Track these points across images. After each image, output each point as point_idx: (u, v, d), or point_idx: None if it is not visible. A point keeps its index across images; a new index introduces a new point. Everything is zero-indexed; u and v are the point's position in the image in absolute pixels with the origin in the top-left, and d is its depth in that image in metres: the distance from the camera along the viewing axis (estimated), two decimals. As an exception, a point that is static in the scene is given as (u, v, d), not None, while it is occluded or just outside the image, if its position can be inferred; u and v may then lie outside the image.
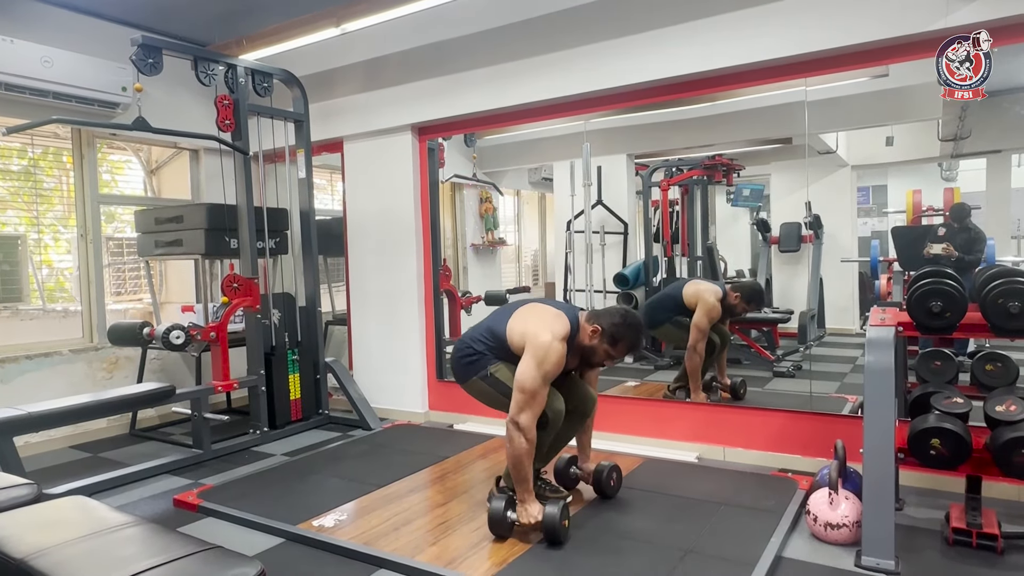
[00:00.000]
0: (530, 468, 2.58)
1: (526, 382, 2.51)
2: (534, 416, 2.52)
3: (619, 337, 2.64)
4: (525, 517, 2.56)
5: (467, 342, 2.81)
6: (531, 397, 2.51)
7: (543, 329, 2.57)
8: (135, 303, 5.17)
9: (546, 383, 2.54)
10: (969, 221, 3.85)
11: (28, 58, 3.88)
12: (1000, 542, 2.39)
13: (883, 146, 4.47)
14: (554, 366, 2.53)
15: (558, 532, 2.51)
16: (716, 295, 3.96)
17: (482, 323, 2.84)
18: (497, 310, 2.88)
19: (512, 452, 2.55)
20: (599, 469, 2.98)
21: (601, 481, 2.97)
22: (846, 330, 4.80)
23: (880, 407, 2.32)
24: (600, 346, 2.66)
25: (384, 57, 4.50)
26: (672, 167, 5.05)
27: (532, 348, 2.54)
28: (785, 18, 3.22)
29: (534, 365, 2.51)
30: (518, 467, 2.56)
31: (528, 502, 2.59)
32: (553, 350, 2.52)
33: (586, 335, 2.66)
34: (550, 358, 2.52)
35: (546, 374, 2.52)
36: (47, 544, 1.68)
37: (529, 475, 2.58)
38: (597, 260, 4.86)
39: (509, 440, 2.55)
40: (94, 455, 4.10)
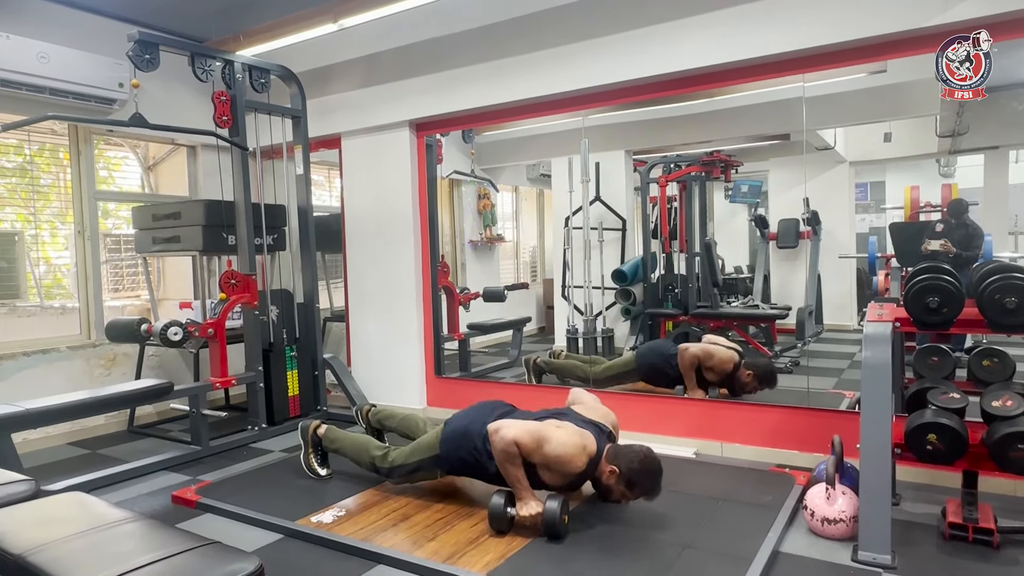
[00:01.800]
0: (518, 470, 2.59)
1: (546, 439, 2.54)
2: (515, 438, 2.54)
3: (635, 483, 2.60)
4: (525, 510, 2.57)
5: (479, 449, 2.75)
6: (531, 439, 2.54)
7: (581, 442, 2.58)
8: (133, 299, 5.16)
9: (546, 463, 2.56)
10: (967, 217, 3.86)
11: (24, 54, 3.87)
12: (996, 536, 2.40)
13: (881, 142, 4.48)
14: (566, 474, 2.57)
15: (558, 527, 2.52)
16: (732, 359, 3.84)
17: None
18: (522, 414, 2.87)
19: (497, 459, 2.61)
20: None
21: None
22: (844, 326, 4.81)
23: (877, 403, 2.33)
24: (616, 487, 2.64)
25: (382, 53, 4.49)
26: (670, 163, 5.05)
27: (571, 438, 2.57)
28: (783, 14, 3.22)
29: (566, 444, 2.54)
30: (506, 472, 2.61)
31: (527, 499, 2.60)
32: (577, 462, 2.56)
33: (604, 472, 2.63)
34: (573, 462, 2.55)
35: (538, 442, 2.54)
36: (45, 540, 1.68)
37: (520, 476, 2.60)
38: (595, 256, 4.87)
39: (492, 445, 2.61)
40: (92, 451, 4.10)
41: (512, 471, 2.59)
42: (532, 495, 2.61)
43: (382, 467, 3.03)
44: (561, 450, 2.54)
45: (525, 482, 2.61)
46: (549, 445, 2.54)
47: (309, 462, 3.34)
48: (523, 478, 2.60)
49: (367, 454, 3.11)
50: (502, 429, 2.59)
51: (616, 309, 5.07)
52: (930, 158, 4.39)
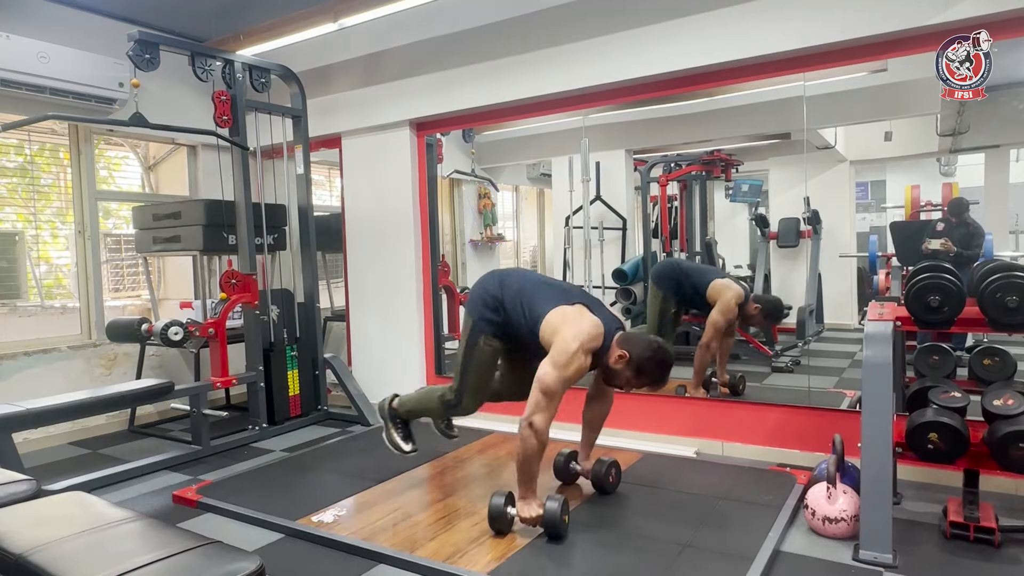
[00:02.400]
0: (538, 468, 2.58)
1: (548, 384, 2.49)
2: (549, 419, 2.52)
3: (644, 370, 2.59)
4: (526, 512, 2.56)
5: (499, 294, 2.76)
6: (550, 399, 2.50)
7: (575, 336, 2.53)
8: (133, 299, 5.16)
9: (565, 388, 2.53)
10: (967, 216, 3.85)
11: (24, 54, 3.86)
12: (997, 535, 2.40)
13: (882, 141, 4.47)
14: (575, 373, 2.52)
15: (558, 527, 2.51)
16: (738, 297, 3.93)
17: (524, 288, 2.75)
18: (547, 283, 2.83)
19: (523, 451, 2.54)
20: (598, 465, 2.99)
21: (600, 477, 2.98)
22: (844, 325, 4.80)
23: (878, 402, 2.33)
24: (623, 372, 2.61)
25: (382, 52, 4.49)
26: (671, 162, 5.05)
27: (558, 350, 2.52)
28: (784, 12, 3.22)
29: (557, 369, 2.49)
30: (526, 466, 2.56)
31: (529, 499, 2.59)
32: (576, 359, 2.50)
33: (613, 357, 2.60)
34: (572, 366, 2.50)
35: (567, 379, 2.51)
36: (46, 539, 1.68)
37: (536, 474, 2.58)
38: (596, 256, 4.86)
39: (521, 439, 2.53)
40: (93, 451, 4.10)
41: (532, 466, 2.55)
42: (534, 495, 2.60)
43: (452, 399, 2.94)
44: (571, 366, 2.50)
45: (535, 483, 2.60)
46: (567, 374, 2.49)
47: (393, 439, 3.23)
48: (536, 476, 2.59)
49: (435, 399, 3.03)
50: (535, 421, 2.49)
51: (617, 308, 5.06)
52: (931, 157, 4.38)
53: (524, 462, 2.55)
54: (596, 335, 2.57)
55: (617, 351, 2.60)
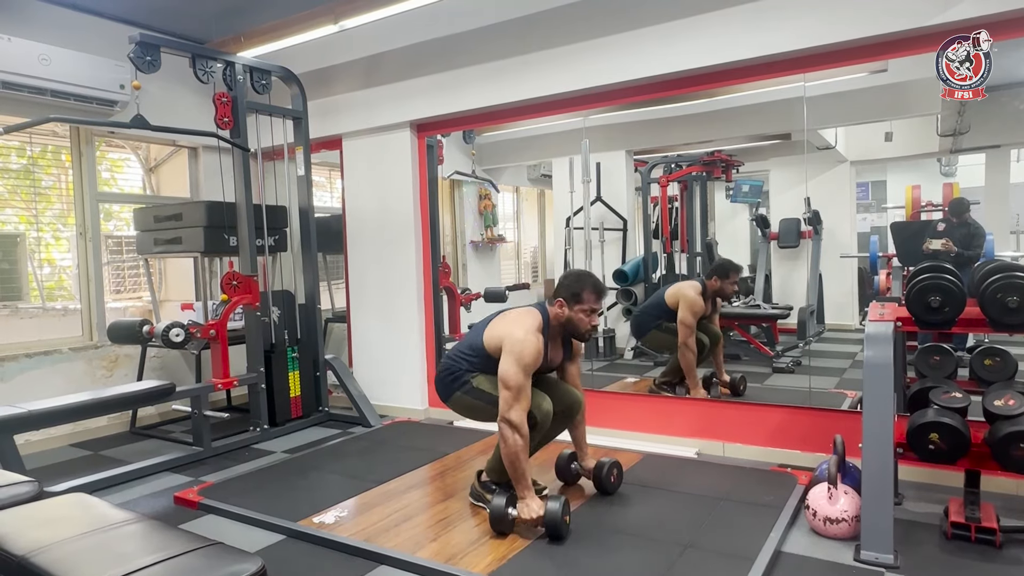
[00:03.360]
0: (527, 465, 2.59)
1: (510, 379, 2.57)
2: (524, 411, 2.57)
3: (577, 290, 2.70)
4: (526, 513, 2.56)
5: (449, 360, 2.91)
6: (517, 392, 2.56)
7: (517, 326, 2.68)
8: (135, 301, 5.17)
9: (528, 376, 2.59)
10: (968, 216, 3.85)
11: (26, 56, 3.87)
12: (998, 536, 2.40)
13: (882, 142, 4.47)
14: (533, 358, 2.61)
15: (560, 527, 2.52)
16: (696, 289, 4.00)
17: (462, 342, 2.94)
18: (473, 328, 2.97)
19: (507, 451, 2.57)
20: (599, 465, 2.99)
21: (602, 477, 2.98)
22: (845, 326, 4.80)
23: (879, 402, 2.33)
24: (574, 313, 2.71)
25: (382, 54, 4.49)
26: (671, 163, 5.05)
27: (509, 345, 2.63)
28: (784, 13, 3.22)
29: (513, 360, 2.59)
30: (515, 464, 2.58)
31: (528, 498, 2.59)
32: (528, 343, 2.61)
33: (555, 313, 2.75)
34: (527, 350, 2.60)
35: (526, 367, 2.58)
36: (48, 541, 1.68)
37: (527, 471, 2.59)
38: (596, 256, 4.86)
39: (503, 439, 2.58)
40: (95, 453, 4.10)
41: (521, 465, 2.57)
42: (533, 495, 2.61)
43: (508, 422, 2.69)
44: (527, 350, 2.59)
45: (529, 480, 2.61)
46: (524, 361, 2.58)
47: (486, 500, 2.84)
48: (528, 474, 2.60)
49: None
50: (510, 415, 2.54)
51: (617, 309, 5.06)
52: (931, 157, 4.38)
53: (511, 460, 2.59)
54: (533, 315, 2.74)
55: (555, 306, 2.74)
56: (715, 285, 4.00)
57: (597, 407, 4.00)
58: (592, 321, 2.76)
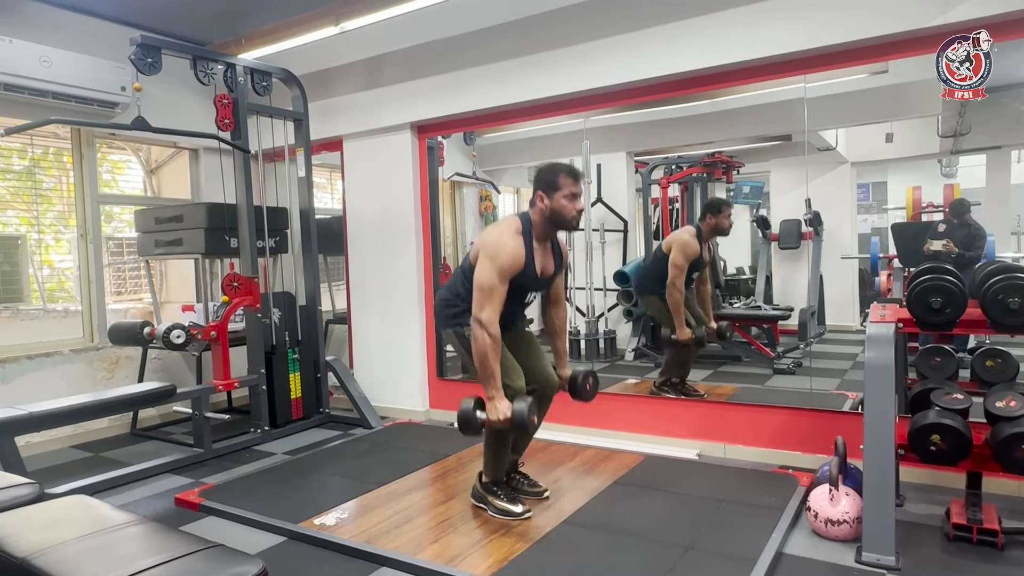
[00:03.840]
0: (496, 364, 2.59)
1: (483, 280, 2.59)
2: (494, 312, 2.58)
3: (552, 177, 2.68)
4: (494, 414, 2.57)
5: (450, 289, 2.88)
6: (489, 293, 2.58)
7: (491, 232, 2.71)
8: (135, 303, 5.17)
9: (503, 279, 2.59)
10: (969, 217, 3.85)
11: (27, 58, 3.88)
12: (1000, 537, 2.40)
13: (883, 142, 4.46)
14: (507, 259, 2.61)
15: (527, 425, 2.54)
16: (690, 232, 3.99)
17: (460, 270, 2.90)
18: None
19: (477, 349, 2.60)
20: (574, 374, 2.99)
21: (577, 385, 2.97)
22: (846, 327, 4.80)
23: (880, 403, 2.32)
24: (554, 202, 2.68)
25: (383, 55, 4.50)
26: (672, 164, 5.05)
27: (484, 248, 2.64)
28: (785, 14, 3.22)
29: (487, 261, 2.60)
30: (484, 363, 2.59)
31: (496, 399, 2.59)
32: (503, 244, 2.61)
33: (537, 210, 2.72)
34: (501, 252, 2.60)
35: (500, 268, 2.59)
36: (49, 543, 1.68)
37: (496, 371, 2.59)
38: (597, 258, 4.86)
39: (473, 338, 2.61)
40: (95, 455, 4.10)
41: (491, 363, 2.58)
42: (502, 396, 2.59)
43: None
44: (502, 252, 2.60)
45: (498, 381, 2.60)
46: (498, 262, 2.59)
47: (501, 508, 2.83)
48: (499, 374, 2.60)
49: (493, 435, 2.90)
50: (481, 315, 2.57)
51: (618, 311, 5.06)
52: (932, 158, 4.38)
53: (481, 359, 2.59)
54: (509, 220, 2.74)
55: (536, 203, 2.72)
56: (710, 223, 4.01)
57: (598, 409, 4.00)
58: (576, 206, 2.71)
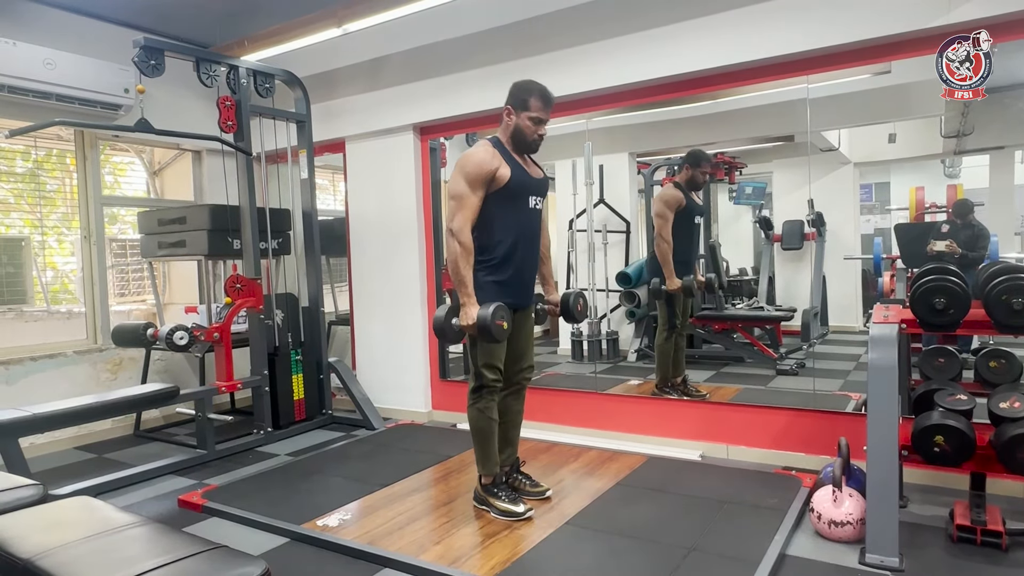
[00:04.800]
0: (468, 271, 2.66)
1: (453, 188, 2.69)
2: (465, 221, 2.65)
3: (524, 96, 2.73)
4: (465, 320, 2.64)
5: None
6: (460, 201, 2.66)
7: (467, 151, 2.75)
8: (139, 304, 5.18)
9: (472, 185, 2.66)
10: (972, 218, 3.85)
11: (31, 60, 3.89)
12: (1004, 539, 2.39)
13: (886, 143, 4.46)
14: (473, 165, 2.67)
15: (491, 330, 2.57)
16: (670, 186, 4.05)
17: None
18: None
19: (449, 256, 2.68)
20: (565, 296, 3.04)
21: (568, 306, 3.02)
22: (849, 328, 4.79)
23: (883, 404, 2.32)
24: (520, 119, 2.73)
25: (385, 57, 4.51)
26: (674, 165, 5.05)
27: (456, 164, 2.72)
28: (787, 15, 3.22)
29: (457, 172, 2.69)
30: (456, 271, 2.67)
31: (468, 305, 2.65)
32: (471, 153, 2.69)
33: (505, 125, 2.77)
34: (469, 160, 2.67)
35: (468, 174, 2.66)
36: (53, 544, 1.68)
37: (467, 279, 2.66)
38: (599, 259, 4.86)
39: (447, 247, 2.71)
40: (99, 456, 4.11)
41: (461, 270, 2.65)
42: (474, 303, 2.65)
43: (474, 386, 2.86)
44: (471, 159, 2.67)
45: (470, 288, 2.66)
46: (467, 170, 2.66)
47: (503, 509, 2.82)
48: (469, 281, 2.66)
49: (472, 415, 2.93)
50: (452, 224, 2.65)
51: (621, 312, 5.06)
52: (935, 159, 4.38)
53: (453, 266, 2.67)
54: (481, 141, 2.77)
55: (504, 117, 2.77)
56: (687, 174, 4.05)
57: (600, 410, 4.00)
58: (539, 131, 2.76)
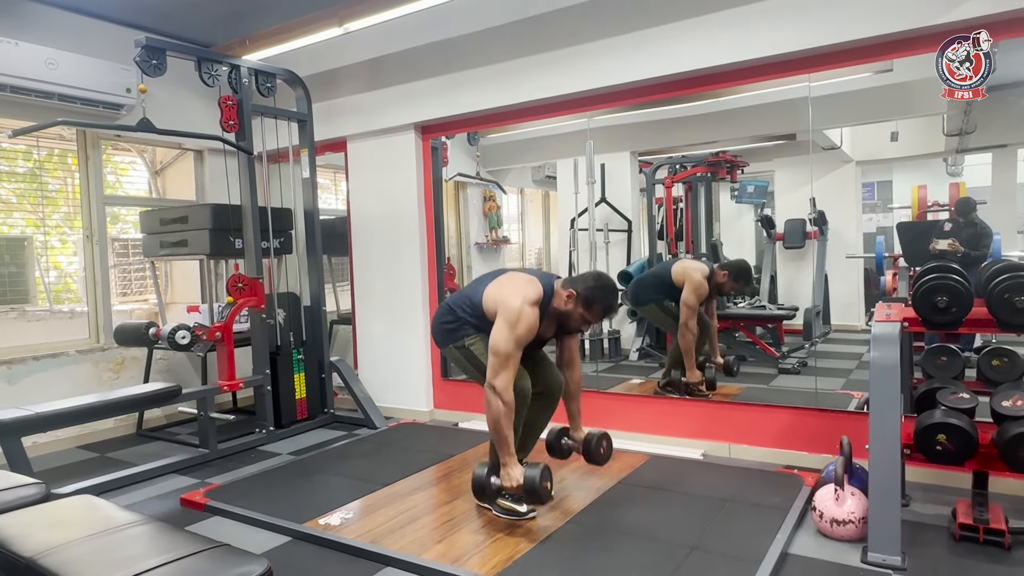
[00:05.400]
0: (510, 431, 2.61)
1: (499, 345, 2.58)
2: (509, 379, 2.58)
3: (593, 300, 2.68)
4: (507, 481, 2.59)
5: (448, 307, 2.88)
6: (505, 360, 2.58)
7: (514, 295, 2.64)
8: (141, 304, 5.19)
9: (519, 346, 2.60)
10: (975, 216, 3.84)
11: (33, 60, 3.90)
12: (1007, 537, 2.39)
13: (888, 141, 4.45)
14: (526, 330, 2.60)
15: (539, 493, 2.53)
16: (703, 272, 3.97)
17: (463, 290, 2.92)
18: (477, 278, 2.94)
19: (491, 415, 2.60)
20: (588, 437, 2.99)
21: (591, 449, 2.97)
22: (851, 326, 4.78)
23: (886, 403, 2.31)
24: (575, 310, 2.70)
25: (387, 56, 4.51)
26: (676, 164, 5.04)
27: (504, 313, 2.62)
28: (788, 13, 3.21)
29: (507, 329, 2.59)
30: (498, 430, 2.60)
31: (510, 465, 2.60)
32: (524, 314, 2.60)
33: (561, 300, 2.71)
34: (522, 322, 2.59)
35: (518, 337, 2.59)
36: (55, 543, 1.69)
37: (509, 438, 2.61)
38: (601, 258, 4.85)
39: (487, 404, 2.61)
40: (101, 455, 4.12)
41: (504, 430, 2.59)
42: (516, 462, 2.61)
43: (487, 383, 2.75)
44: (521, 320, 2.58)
45: (512, 447, 2.62)
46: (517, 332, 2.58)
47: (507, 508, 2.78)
48: (512, 441, 2.61)
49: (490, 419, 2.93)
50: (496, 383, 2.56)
51: (623, 311, 5.06)
52: (937, 157, 4.36)
53: (495, 426, 2.61)
54: (534, 287, 2.68)
55: (564, 293, 2.71)
56: (721, 280, 3.99)
57: (602, 409, 4.00)
58: (583, 327, 2.77)
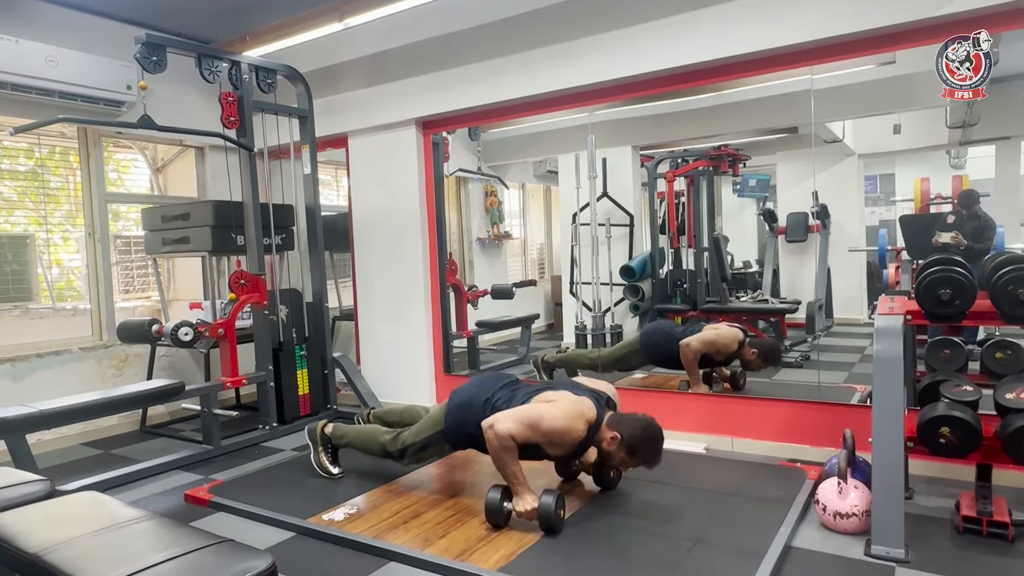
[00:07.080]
0: (515, 464, 2.60)
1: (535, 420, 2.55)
2: (511, 436, 2.54)
3: (637, 449, 2.64)
4: (521, 506, 2.58)
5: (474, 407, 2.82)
6: (525, 429, 2.55)
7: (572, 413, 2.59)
8: (143, 301, 5.20)
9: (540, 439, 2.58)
10: (978, 208, 3.83)
11: (33, 58, 3.89)
12: (1011, 530, 2.38)
13: (890, 134, 4.44)
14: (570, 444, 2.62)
15: (553, 522, 2.53)
16: (736, 338, 3.91)
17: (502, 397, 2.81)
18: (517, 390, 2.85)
19: (493, 453, 2.61)
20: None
21: (601, 472, 2.98)
22: (854, 319, 4.78)
23: (889, 396, 2.31)
24: (617, 453, 2.66)
25: (387, 51, 4.50)
26: (677, 158, 5.04)
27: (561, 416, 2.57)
28: (790, 5, 3.19)
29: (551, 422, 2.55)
30: (502, 466, 2.61)
31: (522, 493, 2.60)
32: (570, 433, 2.59)
33: (605, 439, 2.67)
34: (564, 440, 2.60)
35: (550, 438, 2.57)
36: (60, 539, 1.70)
37: (516, 471, 2.60)
38: (603, 252, 4.85)
39: (489, 442, 2.59)
40: (105, 452, 4.13)
41: (508, 466, 2.59)
42: (528, 489, 2.61)
43: (393, 450, 3.05)
44: (558, 424, 2.56)
45: (521, 477, 2.61)
46: (545, 423, 2.56)
47: (321, 461, 3.35)
48: (519, 473, 2.61)
49: (376, 441, 3.13)
50: (496, 424, 2.57)
51: (624, 305, 5.06)
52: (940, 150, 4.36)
53: (497, 462, 2.62)
54: (587, 414, 2.63)
55: (609, 433, 2.66)
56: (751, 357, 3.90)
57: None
58: (619, 467, 2.77)
